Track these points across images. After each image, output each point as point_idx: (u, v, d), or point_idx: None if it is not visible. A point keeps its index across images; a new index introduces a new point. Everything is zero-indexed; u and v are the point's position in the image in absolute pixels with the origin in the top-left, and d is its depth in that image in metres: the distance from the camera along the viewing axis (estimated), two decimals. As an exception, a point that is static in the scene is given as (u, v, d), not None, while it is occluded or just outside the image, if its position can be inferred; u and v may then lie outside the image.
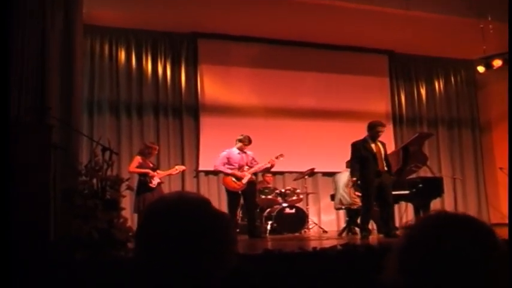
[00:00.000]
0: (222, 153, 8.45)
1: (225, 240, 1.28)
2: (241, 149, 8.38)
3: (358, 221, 7.98)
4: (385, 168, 7.31)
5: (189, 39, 10.81)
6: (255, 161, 8.47)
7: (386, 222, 7.26)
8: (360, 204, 7.89)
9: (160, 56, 10.63)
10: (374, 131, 7.40)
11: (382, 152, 7.38)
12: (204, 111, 10.68)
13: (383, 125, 7.48)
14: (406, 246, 1.22)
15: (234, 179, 8.20)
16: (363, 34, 10.82)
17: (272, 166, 8.60)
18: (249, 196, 8.27)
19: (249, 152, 8.47)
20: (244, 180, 8.20)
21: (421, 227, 1.23)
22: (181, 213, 1.26)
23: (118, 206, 4.72)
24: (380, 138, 7.55)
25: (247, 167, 8.35)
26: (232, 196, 8.24)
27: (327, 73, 11.56)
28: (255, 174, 8.75)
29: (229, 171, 8.26)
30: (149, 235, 1.26)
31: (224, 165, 8.35)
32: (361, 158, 7.30)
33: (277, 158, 8.58)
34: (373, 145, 7.35)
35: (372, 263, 4.32)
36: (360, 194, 7.91)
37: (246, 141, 8.33)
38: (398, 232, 7.01)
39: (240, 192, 8.23)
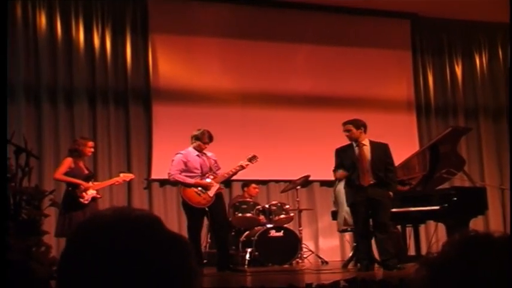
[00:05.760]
0: (176, 155, 8.27)
1: (184, 273, 1.27)
2: (199, 150, 8.27)
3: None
4: (371, 181, 7.48)
5: (137, -2, 10.82)
6: (217, 166, 8.38)
7: (382, 251, 7.57)
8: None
9: (97, 21, 10.59)
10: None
11: (368, 156, 7.54)
12: (157, 98, 10.67)
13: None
14: (428, 282, 1.23)
15: (198, 191, 8.10)
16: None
17: (240, 169, 8.49)
18: (217, 213, 8.17)
19: (209, 154, 8.33)
20: (212, 192, 8.12)
21: (445, 256, 1.24)
22: (122, 237, 1.24)
23: (38, 230, 4.69)
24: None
25: (211, 176, 8.20)
26: (196, 214, 8.14)
27: (327, 45, 11.62)
28: (225, 183, 8.67)
29: (191, 180, 8.13)
30: (76, 268, 1.24)
31: (181, 172, 8.22)
32: (344, 168, 7.70)
33: (250, 161, 8.45)
34: (356, 149, 7.57)
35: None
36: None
37: (205, 139, 8.17)
38: (400, 265, 7.36)
39: (206, 209, 8.14)
